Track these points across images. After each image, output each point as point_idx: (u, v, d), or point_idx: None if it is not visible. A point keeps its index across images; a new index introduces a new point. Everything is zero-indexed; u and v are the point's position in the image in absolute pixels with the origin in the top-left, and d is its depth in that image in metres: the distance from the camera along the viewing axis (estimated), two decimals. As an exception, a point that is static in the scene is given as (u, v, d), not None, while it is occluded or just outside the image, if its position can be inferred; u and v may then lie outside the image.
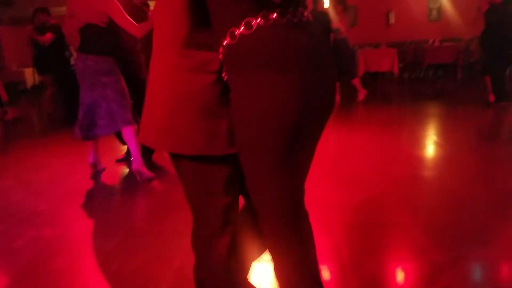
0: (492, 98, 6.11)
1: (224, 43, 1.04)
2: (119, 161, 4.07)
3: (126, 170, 3.84)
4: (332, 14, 6.46)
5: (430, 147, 4.19)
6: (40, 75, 7.13)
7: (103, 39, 3.19)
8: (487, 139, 4.42)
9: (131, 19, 3.05)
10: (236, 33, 1.01)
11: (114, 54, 3.29)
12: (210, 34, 1.07)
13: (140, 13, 3.60)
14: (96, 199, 3.23)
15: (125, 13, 3.04)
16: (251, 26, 1.00)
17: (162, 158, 3.87)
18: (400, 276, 1.92)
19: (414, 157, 3.79)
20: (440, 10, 10.49)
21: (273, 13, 0.99)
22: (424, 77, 9.84)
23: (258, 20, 0.99)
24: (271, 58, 0.99)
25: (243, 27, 1.00)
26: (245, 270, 1.39)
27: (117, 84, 3.29)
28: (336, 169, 3.50)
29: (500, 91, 6.03)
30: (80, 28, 3.19)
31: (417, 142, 4.34)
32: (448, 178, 3.19)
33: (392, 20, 10.65)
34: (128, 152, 4.02)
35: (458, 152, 3.93)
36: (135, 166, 3.41)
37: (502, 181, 3.10)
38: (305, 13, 1.07)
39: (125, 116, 3.31)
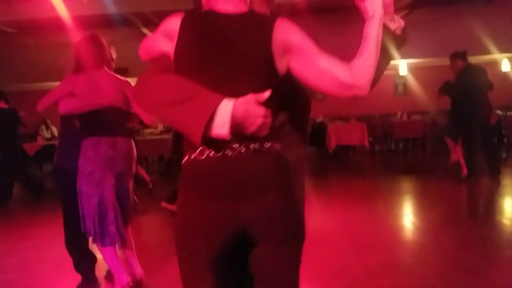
0: (464, 172, 6.08)
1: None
2: None
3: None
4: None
5: (406, 229, 4.15)
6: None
7: (125, 123, 2.80)
8: (463, 219, 4.44)
9: None
10: (191, 156, 1.22)
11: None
12: None
13: None
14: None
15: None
16: (190, 157, 1.21)
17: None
18: None
19: (390, 241, 3.71)
20: (405, 85, 11.03)
21: (210, 150, 1.17)
22: (394, 149, 10.08)
23: (195, 153, 1.19)
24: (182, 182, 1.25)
25: (190, 155, 1.22)
26: None
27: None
28: (307, 259, 3.37)
29: (472, 166, 5.99)
30: (92, 110, 2.66)
31: (393, 223, 4.30)
32: (425, 267, 3.10)
33: (360, 94, 11.10)
34: None
35: (435, 235, 3.88)
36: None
37: (480, 268, 3.03)
38: (256, 146, 1.18)
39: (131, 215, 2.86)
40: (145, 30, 8.67)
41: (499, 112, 9.40)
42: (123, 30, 8.18)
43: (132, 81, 3.11)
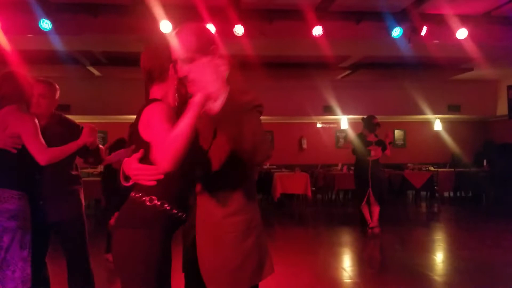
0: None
1: None
2: None
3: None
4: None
5: (345, 286, 4.17)
6: None
7: (14, 169, 2.49)
8: (396, 273, 4.56)
9: (42, 141, 2.49)
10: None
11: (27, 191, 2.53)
12: None
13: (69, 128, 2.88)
14: None
15: (37, 135, 2.49)
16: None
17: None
18: None
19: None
20: (346, 138, 11.51)
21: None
22: (335, 199, 10.33)
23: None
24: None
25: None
26: None
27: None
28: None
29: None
30: None
31: (331, 280, 4.32)
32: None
33: (304, 145, 11.47)
34: None
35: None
36: None
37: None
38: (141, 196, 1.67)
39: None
40: (91, 69, 8.53)
41: (432, 168, 10.02)
42: (69, 67, 8.00)
43: (74, 118, 3.03)
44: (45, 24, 5.29)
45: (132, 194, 1.67)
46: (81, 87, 9.20)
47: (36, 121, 2.53)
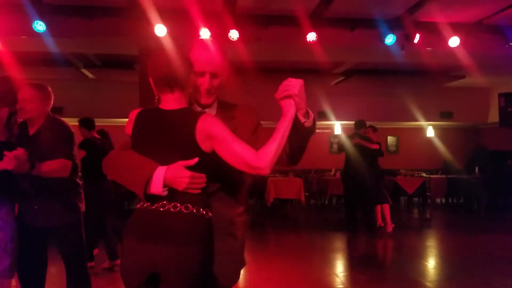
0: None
1: None
2: None
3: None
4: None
5: None
6: None
7: None
8: (389, 279, 4.57)
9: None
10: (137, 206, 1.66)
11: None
12: None
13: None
14: None
15: None
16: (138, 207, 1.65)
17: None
18: None
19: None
20: (339, 143, 11.55)
21: (147, 203, 1.59)
22: (328, 204, 10.35)
23: (140, 204, 1.62)
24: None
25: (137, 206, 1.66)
26: None
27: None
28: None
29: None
30: None
31: (323, 283, 4.33)
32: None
33: (298, 150, 11.47)
34: None
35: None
36: None
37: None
38: (173, 207, 1.58)
39: None
40: (85, 72, 8.50)
41: (424, 174, 10.08)
42: (62, 69, 7.97)
43: (67, 120, 3.00)
44: (39, 26, 5.27)
45: (178, 205, 1.57)
46: (75, 90, 9.17)
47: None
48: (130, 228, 1.61)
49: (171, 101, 1.64)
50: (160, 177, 1.53)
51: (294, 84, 1.60)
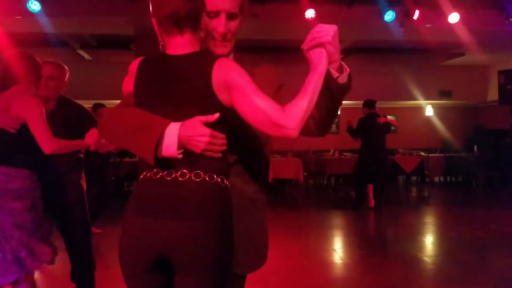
0: (372, 203, 6.90)
1: None
2: None
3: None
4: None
5: (336, 266, 4.24)
6: None
7: (19, 149, 2.41)
8: (387, 255, 4.63)
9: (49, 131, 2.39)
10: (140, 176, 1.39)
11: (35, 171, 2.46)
12: None
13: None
14: None
15: (43, 121, 2.39)
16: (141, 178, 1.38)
17: None
18: None
19: (320, 280, 3.78)
20: (338, 124, 11.55)
21: (151, 171, 1.33)
22: (327, 184, 10.41)
23: (143, 174, 1.36)
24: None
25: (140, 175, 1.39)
26: None
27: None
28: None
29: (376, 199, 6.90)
30: None
31: (323, 260, 4.39)
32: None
33: (296, 130, 11.47)
34: None
35: (362, 272, 4.00)
36: None
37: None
38: (181, 175, 1.30)
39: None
40: (81, 52, 8.42)
41: (422, 153, 10.11)
42: (58, 50, 7.89)
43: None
44: (34, 6, 5.20)
45: (186, 173, 1.30)
46: (71, 71, 9.04)
47: (42, 106, 2.45)
48: (133, 202, 1.35)
49: (180, 45, 1.35)
50: (174, 135, 1.24)
51: (326, 30, 1.31)
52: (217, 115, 1.27)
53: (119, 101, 1.45)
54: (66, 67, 2.88)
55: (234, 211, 1.39)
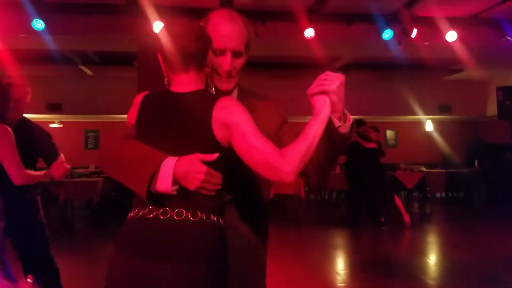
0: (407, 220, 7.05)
1: None
2: None
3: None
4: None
5: None
6: None
7: None
8: (390, 275, 4.60)
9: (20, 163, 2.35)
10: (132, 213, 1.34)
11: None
12: None
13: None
14: None
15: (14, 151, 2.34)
16: (131, 214, 1.34)
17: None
18: None
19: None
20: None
21: (145, 210, 1.28)
22: (328, 199, 10.39)
23: (134, 212, 1.32)
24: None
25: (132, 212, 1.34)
26: None
27: None
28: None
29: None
30: None
31: (324, 283, 4.35)
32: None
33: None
34: None
35: None
36: None
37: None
38: (177, 214, 1.26)
39: None
40: (84, 68, 8.51)
41: (423, 168, 10.11)
42: (61, 66, 7.98)
43: (66, 117, 3.04)
44: (38, 24, 5.29)
45: (183, 212, 1.26)
46: (73, 87, 9.18)
47: (12, 134, 2.37)
48: (121, 241, 1.29)
49: (184, 83, 1.35)
50: (170, 169, 1.21)
51: (333, 78, 1.31)
52: (216, 155, 1.25)
53: (120, 115, 1.47)
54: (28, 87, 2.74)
55: (230, 251, 1.36)
